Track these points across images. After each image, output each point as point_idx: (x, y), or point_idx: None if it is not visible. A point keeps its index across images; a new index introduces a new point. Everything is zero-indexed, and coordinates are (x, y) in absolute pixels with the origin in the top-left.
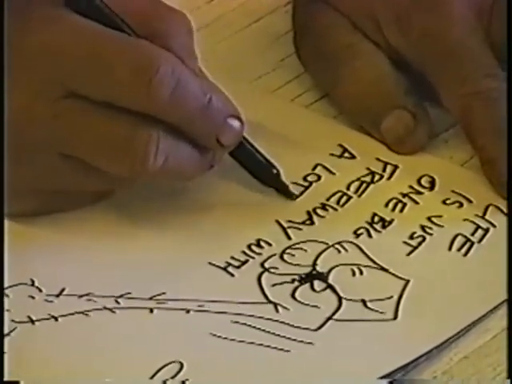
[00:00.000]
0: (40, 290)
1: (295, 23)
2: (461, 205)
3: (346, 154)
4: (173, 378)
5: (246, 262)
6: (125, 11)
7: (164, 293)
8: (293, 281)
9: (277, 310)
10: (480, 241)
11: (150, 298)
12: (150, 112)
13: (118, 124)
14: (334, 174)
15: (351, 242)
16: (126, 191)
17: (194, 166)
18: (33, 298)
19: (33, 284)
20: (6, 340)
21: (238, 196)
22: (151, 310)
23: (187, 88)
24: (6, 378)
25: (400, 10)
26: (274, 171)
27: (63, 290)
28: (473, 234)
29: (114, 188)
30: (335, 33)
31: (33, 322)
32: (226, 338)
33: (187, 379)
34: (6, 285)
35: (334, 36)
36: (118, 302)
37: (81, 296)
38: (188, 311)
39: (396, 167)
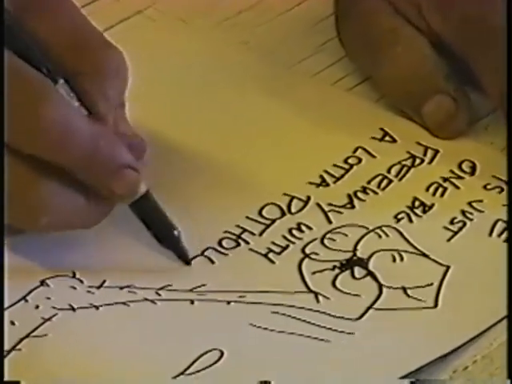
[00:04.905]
0: (81, 282)
1: (337, 7)
2: (501, 190)
3: (387, 138)
4: (212, 365)
5: (287, 247)
6: (57, 43)
7: (204, 284)
8: (333, 268)
9: (317, 300)
10: None
11: (191, 290)
12: (39, 155)
13: (16, 170)
14: (374, 157)
15: (392, 227)
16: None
17: (88, 216)
18: (74, 288)
19: (74, 276)
20: (47, 324)
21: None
22: (192, 302)
23: (73, 134)
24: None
25: None
26: (176, 233)
27: (104, 282)
28: None
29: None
30: (377, 17)
31: (74, 309)
32: (265, 329)
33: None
34: (46, 276)
35: (375, 20)
36: (158, 294)
37: (122, 288)
38: (229, 302)
39: (437, 152)
